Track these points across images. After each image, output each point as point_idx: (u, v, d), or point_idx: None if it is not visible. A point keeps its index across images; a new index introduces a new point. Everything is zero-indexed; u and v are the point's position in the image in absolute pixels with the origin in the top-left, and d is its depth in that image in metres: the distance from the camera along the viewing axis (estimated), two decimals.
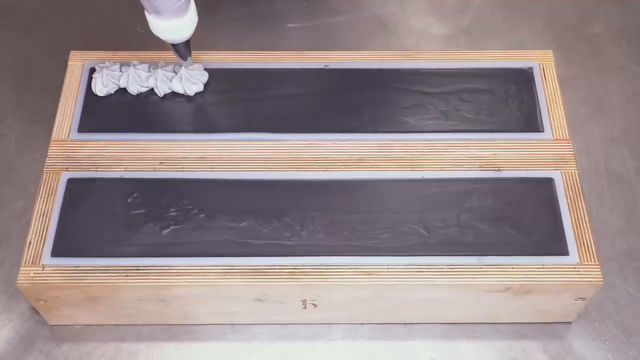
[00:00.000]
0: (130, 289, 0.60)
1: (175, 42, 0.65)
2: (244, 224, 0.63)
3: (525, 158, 0.66)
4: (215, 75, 0.70)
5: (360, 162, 0.66)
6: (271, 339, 0.66)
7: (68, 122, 0.68)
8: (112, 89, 0.70)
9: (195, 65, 0.68)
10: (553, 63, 0.72)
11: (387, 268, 0.61)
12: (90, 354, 0.65)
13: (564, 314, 0.65)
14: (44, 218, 0.63)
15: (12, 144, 0.77)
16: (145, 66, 0.70)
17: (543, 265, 0.61)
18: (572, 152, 0.67)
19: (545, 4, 0.86)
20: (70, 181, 0.65)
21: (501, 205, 0.64)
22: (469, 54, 0.72)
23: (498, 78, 0.70)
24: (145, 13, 0.62)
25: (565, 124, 0.69)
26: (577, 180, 0.65)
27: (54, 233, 0.62)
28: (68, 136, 0.68)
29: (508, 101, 0.69)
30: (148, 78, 0.69)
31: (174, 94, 0.70)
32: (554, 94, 0.70)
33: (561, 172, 0.66)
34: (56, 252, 0.61)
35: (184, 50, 0.66)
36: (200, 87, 0.69)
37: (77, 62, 0.72)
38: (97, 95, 0.70)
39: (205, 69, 0.70)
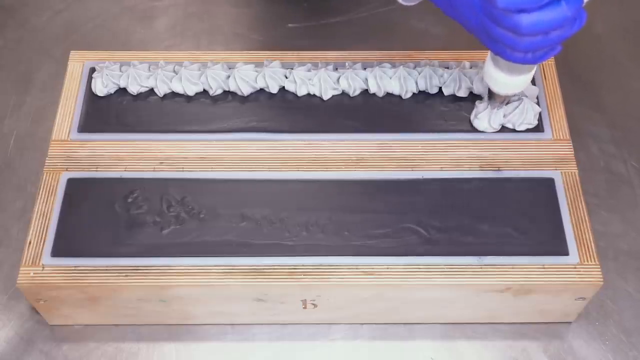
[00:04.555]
0: (130, 289, 0.60)
1: (506, 94, 0.63)
2: (244, 224, 0.63)
3: (525, 158, 0.66)
4: None
5: (360, 162, 0.66)
6: (271, 339, 0.66)
7: (68, 122, 0.68)
8: (112, 89, 0.70)
9: None
10: (553, 63, 0.72)
11: (387, 268, 0.61)
12: (90, 354, 0.65)
13: (564, 314, 0.65)
14: (44, 218, 0.63)
15: (12, 144, 0.77)
16: (145, 66, 0.70)
17: (543, 265, 0.61)
18: (572, 152, 0.67)
19: None
20: (70, 181, 0.65)
21: (501, 206, 0.64)
22: (469, 54, 0.72)
23: None
24: (489, 65, 0.61)
25: (565, 124, 0.69)
26: (577, 180, 0.65)
27: (54, 233, 0.62)
28: (68, 136, 0.68)
29: None
30: (148, 78, 0.69)
31: (174, 94, 0.70)
32: (554, 94, 0.70)
33: (561, 172, 0.66)
34: (56, 252, 0.61)
35: (501, 100, 0.65)
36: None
37: (77, 62, 0.72)
38: (97, 95, 0.70)
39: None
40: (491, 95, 0.65)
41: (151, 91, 0.70)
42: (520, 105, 0.67)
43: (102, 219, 0.63)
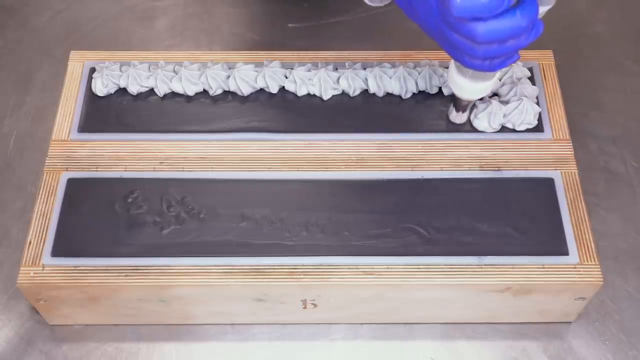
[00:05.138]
0: (130, 289, 0.60)
1: (469, 99, 0.64)
2: (244, 224, 0.63)
3: (525, 158, 0.66)
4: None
5: (360, 162, 0.66)
6: (271, 339, 0.66)
7: (68, 122, 0.68)
8: (112, 89, 0.70)
9: None
10: (553, 63, 0.72)
11: (387, 268, 0.61)
12: (90, 354, 0.65)
13: (564, 314, 0.65)
14: (44, 218, 0.63)
15: (12, 144, 0.77)
16: (145, 66, 0.70)
17: (543, 265, 0.61)
18: (572, 152, 0.67)
19: None
20: (70, 181, 0.65)
21: (501, 206, 0.64)
22: None
23: None
24: (452, 70, 0.61)
25: (565, 124, 0.69)
26: (577, 180, 0.65)
27: (54, 233, 0.62)
28: (68, 136, 0.68)
29: None
30: (148, 78, 0.69)
31: (174, 94, 0.70)
32: (554, 94, 0.70)
33: (561, 172, 0.66)
34: (56, 252, 0.61)
35: (466, 105, 0.65)
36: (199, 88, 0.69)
37: (77, 62, 0.72)
38: (97, 95, 0.70)
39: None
40: (455, 99, 0.65)
41: (151, 91, 0.70)
42: (520, 105, 0.67)
43: (102, 219, 0.63)
